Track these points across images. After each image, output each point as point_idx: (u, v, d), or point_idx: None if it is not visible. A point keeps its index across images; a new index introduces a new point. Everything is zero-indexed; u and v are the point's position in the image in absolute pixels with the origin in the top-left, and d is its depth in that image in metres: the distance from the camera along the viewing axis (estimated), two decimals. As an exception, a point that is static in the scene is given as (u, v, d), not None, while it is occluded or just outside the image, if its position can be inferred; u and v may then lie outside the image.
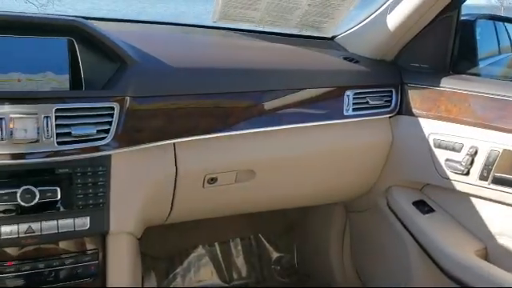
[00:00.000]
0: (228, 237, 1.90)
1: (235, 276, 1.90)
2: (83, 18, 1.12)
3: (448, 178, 1.36)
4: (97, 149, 1.02)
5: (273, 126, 1.26)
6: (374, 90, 1.42)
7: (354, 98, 1.38)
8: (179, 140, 1.14)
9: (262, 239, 1.97)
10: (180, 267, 1.81)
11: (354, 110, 1.38)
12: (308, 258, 1.95)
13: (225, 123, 1.20)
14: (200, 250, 1.84)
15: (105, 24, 1.27)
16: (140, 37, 1.27)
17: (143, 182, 1.11)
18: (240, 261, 1.91)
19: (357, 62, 1.45)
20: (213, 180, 1.22)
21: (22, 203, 0.97)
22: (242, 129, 1.21)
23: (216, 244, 1.88)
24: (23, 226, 0.99)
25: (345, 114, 1.37)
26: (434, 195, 1.48)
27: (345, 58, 1.46)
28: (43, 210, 1.01)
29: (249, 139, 1.24)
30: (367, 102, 1.40)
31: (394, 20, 1.38)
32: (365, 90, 1.40)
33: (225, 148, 1.21)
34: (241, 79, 1.24)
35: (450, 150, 1.34)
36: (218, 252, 1.87)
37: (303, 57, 1.46)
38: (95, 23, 1.11)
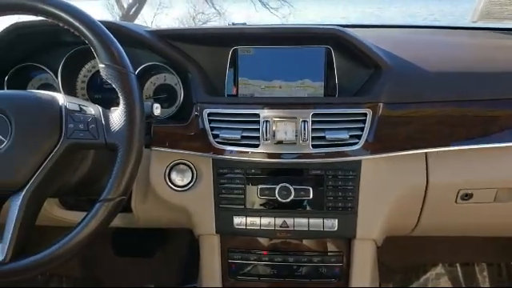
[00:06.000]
0: (472, 259, 1.70)
1: None
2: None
3: None
4: (348, 154, 1.04)
5: None
6: None
7: None
8: (432, 150, 1.07)
9: None
10: (416, 282, 1.71)
11: None
12: None
13: (485, 134, 1.07)
14: (439, 269, 1.71)
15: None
16: (390, 41, 1.24)
17: (391, 191, 1.08)
18: None
19: None
20: (467, 196, 1.11)
21: (280, 199, 1.06)
22: (506, 141, 1.06)
23: (457, 265, 1.71)
24: (279, 220, 1.08)
25: None
26: None
27: None
28: (296, 207, 1.08)
29: None
30: None
31: None
32: None
33: (484, 161, 1.08)
34: (507, 84, 1.09)
35: None
36: (460, 274, 1.70)
37: None
38: None
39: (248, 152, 1.05)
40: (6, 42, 1.10)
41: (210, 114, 1.06)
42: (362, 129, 1.04)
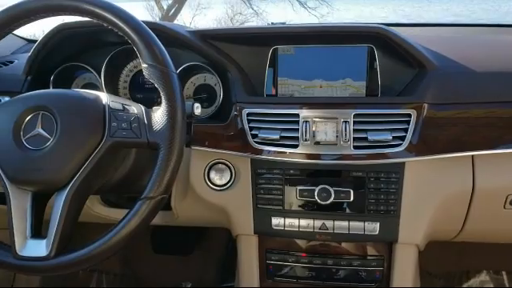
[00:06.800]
0: None
1: None
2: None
3: None
4: (391, 155, 1.01)
5: None
6: None
7: None
8: (479, 153, 1.02)
9: None
10: None
11: None
12: None
13: None
14: (483, 276, 1.64)
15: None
16: (434, 40, 1.21)
17: (436, 195, 1.04)
18: None
19: None
20: None
21: (319, 201, 1.04)
22: None
23: (503, 273, 1.64)
24: (318, 222, 1.06)
25: None
26: None
27: None
28: (336, 209, 1.06)
29: None
30: None
31: None
32: None
33: None
34: None
35: None
36: (506, 282, 1.63)
37: None
38: None
39: (287, 152, 1.04)
40: (53, 42, 1.13)
41: (249, 114, 1.06)
42: (405, 130, 1.01)
